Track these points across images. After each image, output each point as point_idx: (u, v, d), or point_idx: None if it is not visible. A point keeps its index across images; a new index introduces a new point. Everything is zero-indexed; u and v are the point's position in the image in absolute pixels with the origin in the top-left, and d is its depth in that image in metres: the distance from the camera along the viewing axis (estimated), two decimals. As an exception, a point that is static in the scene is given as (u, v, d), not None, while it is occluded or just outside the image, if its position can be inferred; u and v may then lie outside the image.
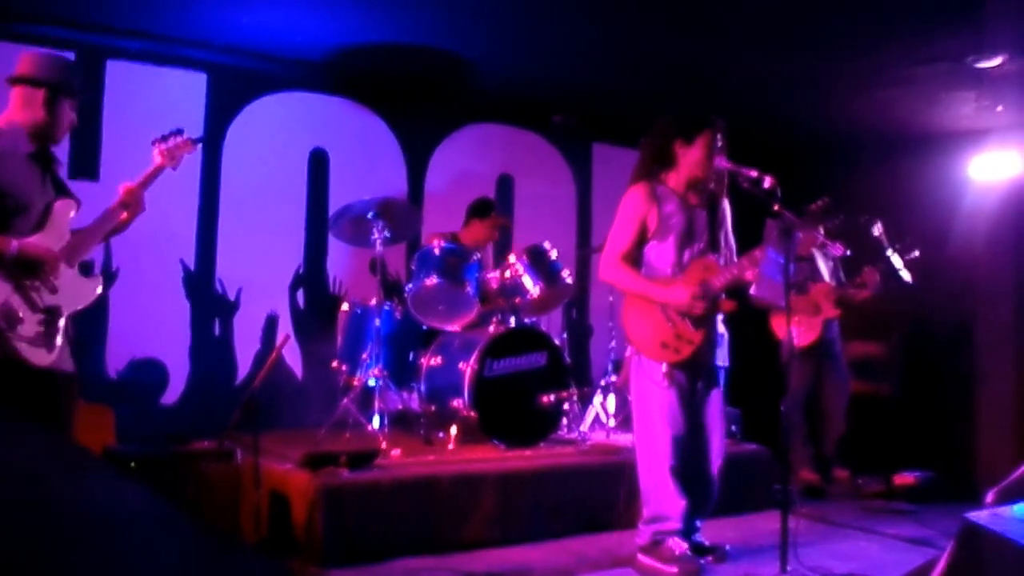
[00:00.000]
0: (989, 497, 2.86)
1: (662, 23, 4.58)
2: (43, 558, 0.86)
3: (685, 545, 3.48)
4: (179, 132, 3.21)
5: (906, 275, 5.19)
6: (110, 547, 0.92)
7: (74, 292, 2.92)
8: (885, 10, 4.22)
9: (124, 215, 3.07)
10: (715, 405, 3.66)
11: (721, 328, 3.66)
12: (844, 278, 5.49)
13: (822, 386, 5.46)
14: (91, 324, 4.57)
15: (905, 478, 5.19)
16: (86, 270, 3.07)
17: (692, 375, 3.55)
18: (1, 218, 2.76)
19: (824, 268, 5.45)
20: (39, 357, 2.77)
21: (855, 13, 4.30)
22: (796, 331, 5.34)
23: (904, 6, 4.17)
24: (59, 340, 2.84)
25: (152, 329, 4.91)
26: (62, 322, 2.86)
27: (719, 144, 3.56)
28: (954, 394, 5.93)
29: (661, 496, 3.49)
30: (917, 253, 5.21)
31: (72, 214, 2.96)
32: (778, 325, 5.35)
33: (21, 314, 2.73)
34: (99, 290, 3.04)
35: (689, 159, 3.56)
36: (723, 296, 3.53)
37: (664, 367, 3.48)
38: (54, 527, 0.93)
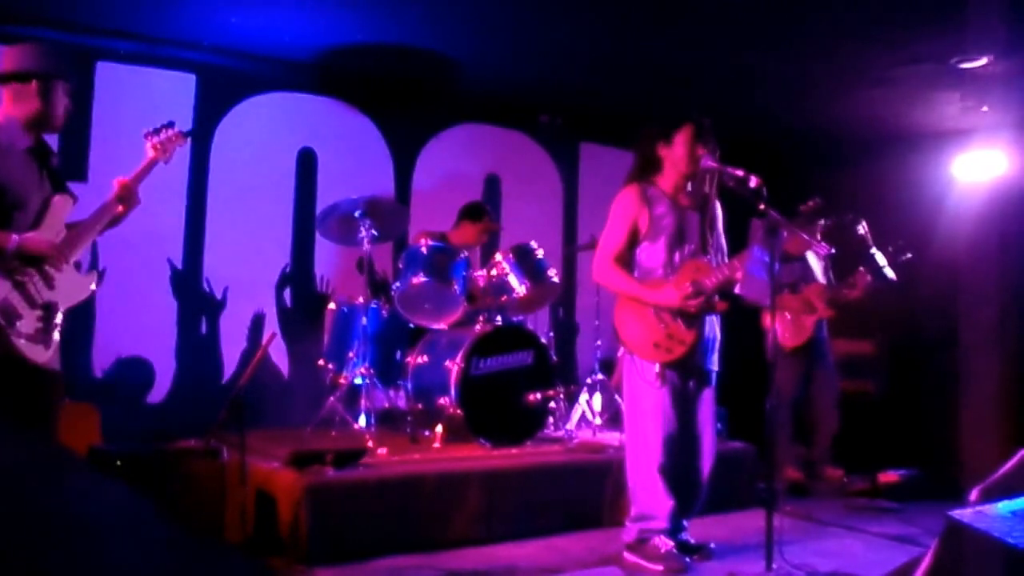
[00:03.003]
0: (973, 495, 2.86)
1: (647, 24, 4.60)
2: (22, 558, 0.85)
3: (671, 543, 3.49)
4: (170, 125, 3.20)
5: (890, 273, 5.24)
6: (90, 547, 0.92)
7: (70, 288, 2.89)
8: (870, 11, 4.25)
9: (120, 209, 3.03)
10: (706, 406, 3.68)
11: (715, 331, 3.68)
12: (834, 279, 5.52)
13: (812, 386, 5.48)
14: (77, 323, 4.55)
15: (889, 476, 5.21)
16: (78, 266, 3.03)
17: (684, 375, 3.57)
18: (2, 216, 2.72)
19: (817, 268, 5.49)
20: (36, 354, 2.74)
21: (840, 14, 4.32)
22: (788, 331, 5.37)
23: (888, 7, 4.20)
24: (56, 337, 2.82)
25: (138, 328, 4.90)
26: (59, 318, 2.84)
27: (706, 141, 3.58)
28: (939, 393, 5.97)
29: (648, 495, 3.51)
30: (911, 255, 5.25)
31: (68, 210, 2.93)
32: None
33: (20, 310, 2.70)
34: (93, 286, 3.02)
35: (673, 158, 3.60)
36: (716, 297, 3.55)
37: (656, 367, 3.50)
38: (33, 527, 0.92)
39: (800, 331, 5.37)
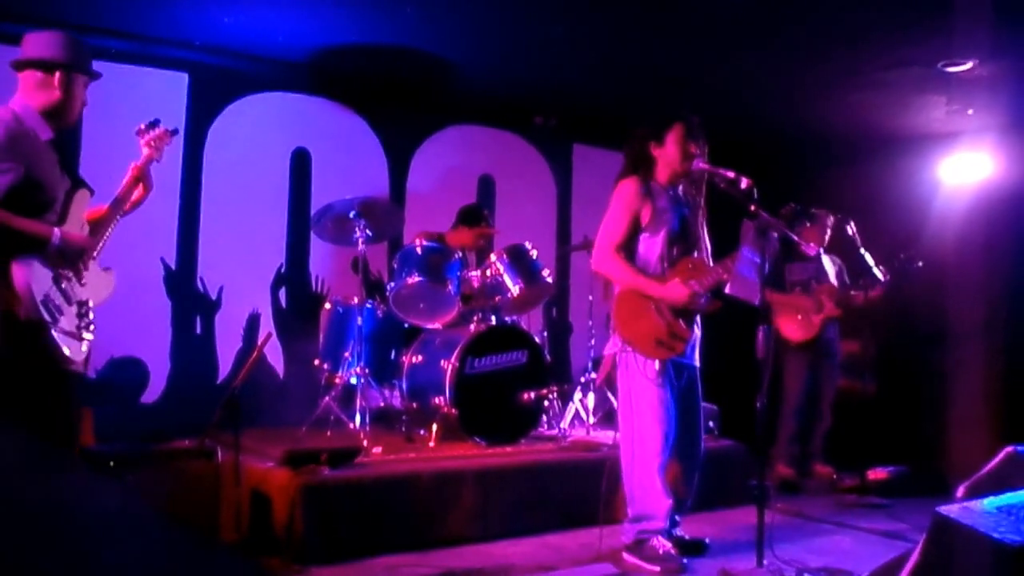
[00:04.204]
0: (960, 491, 2.90)
1: (639, 27, 4.64)
2: (17, 557, 0.86)
3: (669, 544, 3.51)
4: (157, 123, 3.18)
5: (879, 273, 5.31)
6: (85, 547, 0.92)
7: (98, 285, 2.87)
8: (858, 16, 4.30)
9: (140, 192, 3.02)
10: (696, 403, 3.72)
11: (699, 329, 3.72)
12: (848, 281, 5.60)
13: (818, 385, 5.55)
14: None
15: (879, 473, 5.27)
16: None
17: (679, 373, 3.61)
18: (35, 212, 2.67)
19: (830, 269, 5.56)
20: (75, 352, 2.70)
21: (829, 18, 4.38)
22: (796, 327, 5.45)
23: (877, 12, 4.25)
24: (90, 335, 2.79)
25: (133, 328, 4.87)
26: (92, 315, 2.81)
27: (697, 139, 3.61)
28: (926, 391, 6.04)
29: (647, 495, 3.52)
30: (921, 264, 5.32)
31: (86, 204, 2.89)
32: (782, 323, 5.46)
33: (62, 307, 2.67)
34: (115, 283, 2.98)
35: (665, 157, 3.63)
36: (709, 296, 3.58)
37: (657, 364, 3.52)
38: (28, 527, 0.93)
39: (808, 328, 5.44)
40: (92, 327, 2.80)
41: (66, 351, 2.65)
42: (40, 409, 2.60)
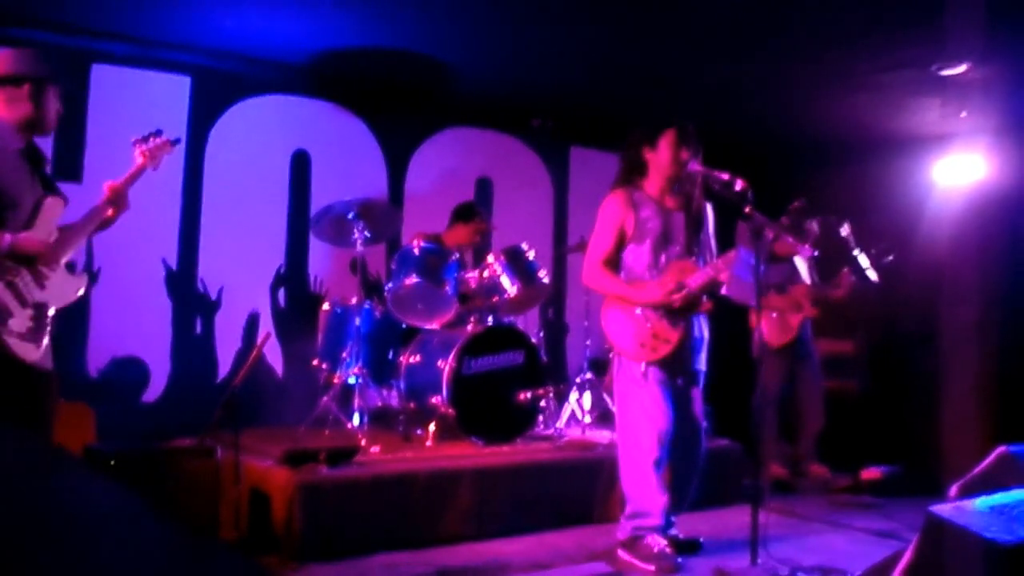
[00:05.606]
0: (952, 491, 2.93)
1: (636, 30, 4.67)
2: (14, 557, 0.86)
3: (664, 542, 3.54)
4: (158, 133, 3.24)
5: (872, 274, 5.35)
6: (83, 546, 0.92)
7: (61, 289, 2.93)
8: (853, 19, 4.34)
9: (110, 212, 3.09)
10: (694, 405, 3.75)
11: (703, 332, 3.75)
12: (818, 279, 5.63)
13: (796, 384, 5.58)
14: (72, 323, 4.57)
15: (872, 473, 5.30)
16: (70, 268, 3.07)
17: (671, 374, 3.63)
18: None
19: (803, 269, 5.59)
20: (27, 352, 2.77)
21: (824, 21, 4.41)
22: (775, 330, 5.48)
23: (871, 15, 4.29)
24: (46, 337, 2.86)
25: (134, 327, 4.92)
26: (49, 318, 2.88)
27: (690, 144, 3.65)
28: (919, 391, 6.07)
29: (642, 493, 3.56)
30: (892, 257, 5.36)
31: (60, 211, 2.97)
32: (761, 326, 5.49)
33: (11, 309, 2.73)
34: (84, 287, 3.06)
35: (658, 161, 3.68)
36: (703, 297, 3.61)
37: (642, 366, 3.56)
38: (26, 526, 0.93)
39: (786, 330, 5.47)
40: (49, 328, 2.87)
41: (15, 351, 2.72)
42: (2, 407, 2.69)
